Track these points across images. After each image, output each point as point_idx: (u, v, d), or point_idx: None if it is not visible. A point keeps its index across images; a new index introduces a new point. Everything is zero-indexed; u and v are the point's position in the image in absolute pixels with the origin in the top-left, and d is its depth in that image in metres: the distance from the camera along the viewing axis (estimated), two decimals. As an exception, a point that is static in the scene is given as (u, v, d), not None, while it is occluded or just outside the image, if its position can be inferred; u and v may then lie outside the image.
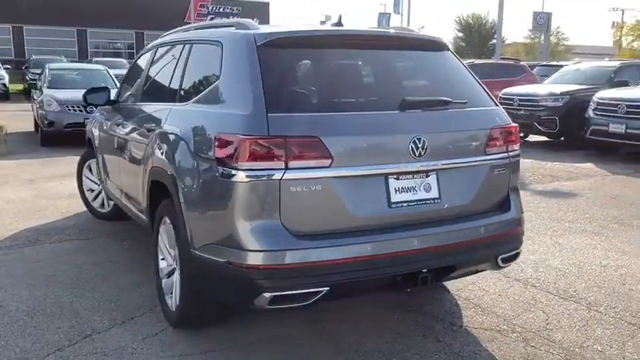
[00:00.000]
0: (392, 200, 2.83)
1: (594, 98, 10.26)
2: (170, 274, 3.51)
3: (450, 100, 3.05)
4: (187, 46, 3.66)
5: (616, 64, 12.78)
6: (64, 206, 6.36)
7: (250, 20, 3.24)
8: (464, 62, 3.44)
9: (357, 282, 2.79)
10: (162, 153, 3.33)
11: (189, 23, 35.10)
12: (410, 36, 3.39)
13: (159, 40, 4.45)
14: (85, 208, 6.05)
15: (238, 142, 2.63)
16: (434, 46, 3.36)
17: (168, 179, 3.17)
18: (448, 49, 3.39)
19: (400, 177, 2.84)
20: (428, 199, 2.91)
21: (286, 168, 2.61)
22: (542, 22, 36.86)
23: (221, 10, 42.28)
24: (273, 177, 2.61)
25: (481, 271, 3.37)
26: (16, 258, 4.65)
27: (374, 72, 3.21)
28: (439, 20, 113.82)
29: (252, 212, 2.65)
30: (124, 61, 28.17)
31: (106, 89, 5.07)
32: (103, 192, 5.79)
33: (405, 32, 3.53)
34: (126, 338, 3.30)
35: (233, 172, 2.65)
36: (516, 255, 3.25)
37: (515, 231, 3.22)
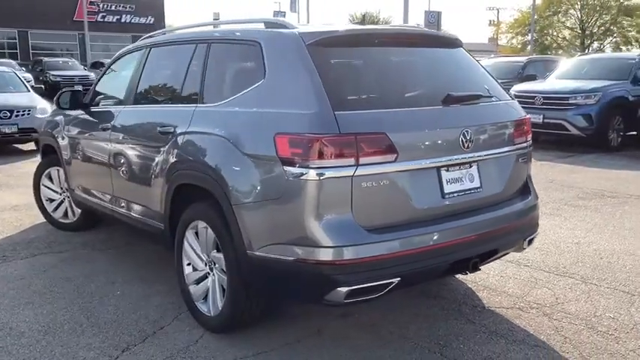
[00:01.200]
0: (445, 191, 2.97)
1: (511, 92, 10.96)
2: (201, 279, 3.44)
3: (482, 94, 3.25)
4: (202, 46, 3.58)
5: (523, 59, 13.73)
6: (12, 219, 5.93)
7: (283, 19, 3.25)
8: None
9: (423, 271, 2.91)
10: (196, 156, 3.25)
11: (80, 21, 33.14)
12: (437, 34, 3.55)
13: (148, 41, 4.29)
14: (40, 220, 5.69)
15: (309, 141, 2.65)
16: (455, 43, 3.54)
17: (210, 182, 3.11)
18: (463, 46, 3.59)
19: (450, 169, 2.99)
20: (472, 189, 3.09)
21: (357, 164, 2.67)
22: (433, 20, 38.57)
23: (113, 7, 40.50)
24: (345, 174, 2.66)
25: (507, 254, 3.59)
26: (14, 274, 4.31)
27: (414, 68, 3.33)
28: (335, 18, 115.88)
29: (324, 209, 2.68)
30: (12, 61, 26.28)
31: (79, 92, 4.81)
32: (66, 201, 5.49)
33: (431, 31, 3.66)
34: (167, 348, 3.20)
35: (303, 170, 2.67)
36: (535, 237, 3.51)
37: (536, 214, 3.48)
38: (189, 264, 3.53)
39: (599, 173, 8.17)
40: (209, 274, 3.39)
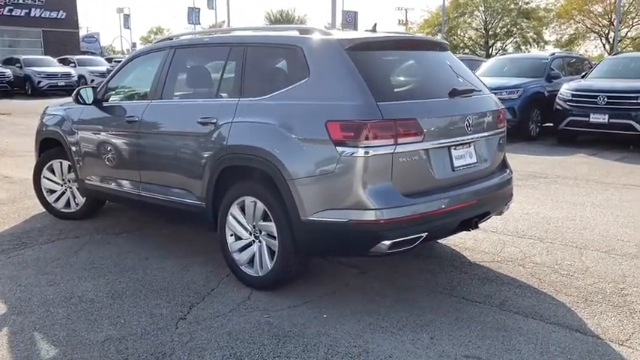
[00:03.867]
0: (454, 165, 3.78)
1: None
2: (245, 247, 4.06)
3: (475, 88, 4.10)
4: (238, 49, 4.19)
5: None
6: (11, 212, 6.20)
7: (314, 27, 3.94)
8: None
9: (442, 227, 3.71)
10: (246, 141, 3.86)
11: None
12: (434, 40, 4.36)
13: (170, 43, 4.81)
14: (37, 211, 6.04)
15: (359, 125, 3.37)
16: (446, 47, 4.37)
17: (262, 162, 3.74)
18: (449, 50, 4.43)
19: (457, 147, 3.81)
20: (471, 164, 3.93)
21: (396, 143, 3.42)
22: (350, 20, 40.04)
23: (21, 1, 38.76)
24: (387, 151, 3.41)
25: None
26: (28, 259, 4.68)
27: (424, 67, 4.11)
28: (250, 16, 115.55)
29: (371, 179, 3.41)
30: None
31: (95, 89, 5.23)
32: (68, 192, 5.86)
33: (430, 37, 4.47)
34: (227, 303, 3.80)
35: (354, 149, 3.39)
36: (511, 203, 4.41)
37: (512, 185, 4.38)
38: (232, 235, 4.14)
39: (527, 159, 9.37)
40: (254, 241, 4.01)
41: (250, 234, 4.03)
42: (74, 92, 5.20)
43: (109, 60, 29.14)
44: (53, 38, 39.99)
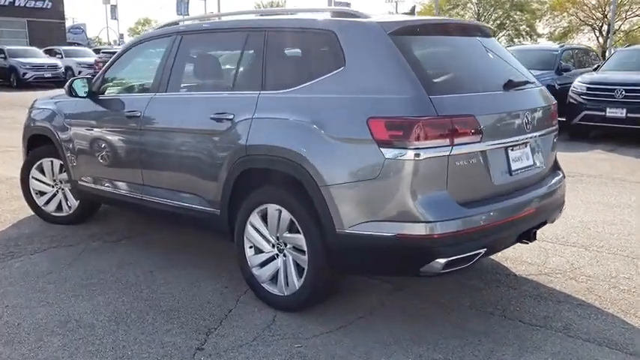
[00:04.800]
0: (512, 168, 3.28)
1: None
2: (267, 261, 3.54)
3: (527, 80, 3.59)
4: (257, 34, 3.65)
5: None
6: (-6, 215, 5.63)
7: (351, 8, 3.41)
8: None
9: (501, 241, 3.21)
10: (270, 140, 3.34)
11: None
12: (480, 24, 3.83)
13: (175, 28, 4.26)
14: (24, 215, 5.49)
15: (409, 123, 2.86)
16: (492, 33, 3.85)
17: (289, 165, 3.22)
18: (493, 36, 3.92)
19: (514, 148, 3.30)
20: (528, 166, 3.43)
21: (452, 144, 2.91)
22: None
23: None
24: (443, 153, 2.90)
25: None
26: (16, 272, 4.13)
27: (474, 55, 3.58)
28: (241, 8, 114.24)
29: (424, 187, 2.90)
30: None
31: (90, 79, 4.67)
32: (59, 194, 5.31)
33: (476, 22, 3.95)
34: (249, 329, 3.29)
35: (403, 151, 2.87)
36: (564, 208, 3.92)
37: (564, 188, 3.89)
38: (251, 247, 3.62)
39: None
40: (278, 255, 3.49)
41: (273, 247, 3.51)
42: (67, 83, 4.64)
43: (97, 51, 28.31)
44: (38, 29, 39.01)
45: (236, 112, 3.57)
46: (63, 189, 5.30)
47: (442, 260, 2.92)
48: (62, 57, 26.54)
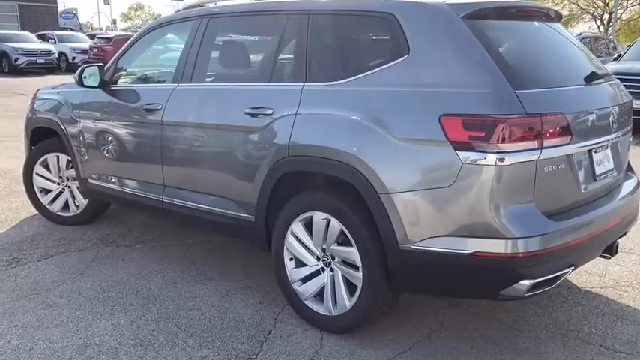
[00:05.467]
0: (596, 173, 2.87)
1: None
2: (311, 276, 3.14)
3: (607, 72, 3.17)
4: (299, 17, 3.21)
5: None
6: (-7, 214, 5.19)
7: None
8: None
9: (588, 256, 2.81)
10: (319, 140, 2.92)
11: None
12: (550, 7, 3.40)
13: (200, 11, 3.80)
14: (26, 214, 5.06)
15: (493, 122, 2.44)
16: (559, 16, 3.41)
17: (342, 169, 2.81)
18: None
19: (597, 150, 2.89)
20: (609, 170, 3.02)
21: (541, 147, 2.50)
22: None
23: (-5, -27, 36.78)
24: (530, 158, 2.49)
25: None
26: (23, 283, 3.70)
27: (552, 43, 3.15)
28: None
29: (507, 197, 2.49)
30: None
31: (101, 67, 4.21)
32: (66, 192, 4.86)
33: (549, 5, 3.50)
34: (295, 355, 2.89)
35: (484, 155, 2.46)
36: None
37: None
38: (292, 259, 3.21)
39: None
40: (324, 269, 3.08)
41: (318, 259, 3.10)
42: (77, 72, 4.18)
43: (92, 37, 27.55)
44: (30, 13, 38.12)
45: (276, 106, 3.14)
46: (70, 187, 4.86)
47: (527, 282, 2.52)
48: (55, 42, 25.80)
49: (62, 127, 4.53)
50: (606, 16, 39.71)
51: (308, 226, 3.10)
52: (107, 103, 4.18)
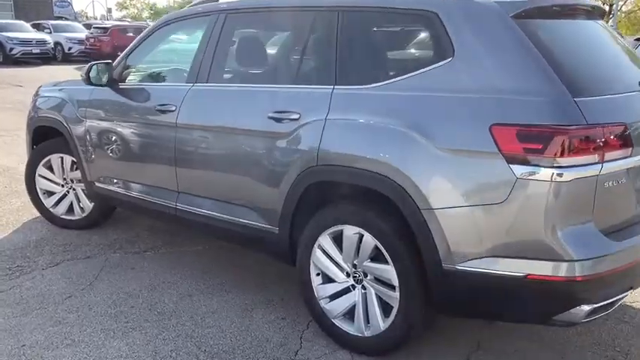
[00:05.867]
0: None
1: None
2: (340, 293, 2.93)
3: None
4: (327, 16, 2.98)
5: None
6: (-7, 216, 4.95)
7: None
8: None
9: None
10: (352, 148, 2.70)
11: None
12: (595, 4, 3.17)
13: (213, 5, 3.56)
14: (28, 217, 4.83)
15: (551, 133, 2.23)
16: (603, 13, 3.18)
17: (381, 182, 2.59)
18: None
19: None
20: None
21: (603, 161, 2.28)
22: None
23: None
24: (591, 173, 2.28)
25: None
26: (28, 295, 3.49)
27: (603, 44, 2.93)
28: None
29: (565, 216, 2.28)
30: None
31: (109, 65, 3.97)
32: (71, 195, 4.63)
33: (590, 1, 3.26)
34: (327, 380, 2.68)
35: (540, 169, 2.25)
36: None
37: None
38: (319, 274, 3.00)
39: None
40: (354, 286, 2.87)
41: (348, 276, 2.89)
42: (85, 70, 3.93)
43: (88, 26, 27.11)
44: (24, 1, 37.58)
45: (302, 110, 2.91)
46: (75, 189, 4.63)
47: (586, 308, 2.32)
48: (51, 32, 25.38)
49: (67, 127, 4.30)
50: (607, 7, 39.46)
51: (337, 239, 2.89)
52: (116, 102, 3.95)
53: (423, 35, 2.72)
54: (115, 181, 4.05)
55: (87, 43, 23.09)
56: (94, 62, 3.94)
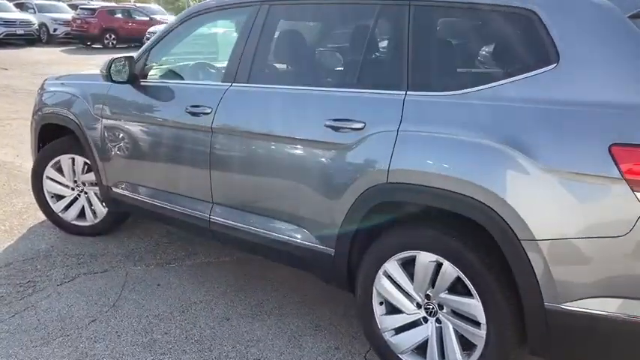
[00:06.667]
0: None
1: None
2: (410, 326, 2.60)
3: None
4: (395, 9, 2.61)
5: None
6: (-5, 219, 4.56)
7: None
8: None
9: None
10: (433, 166, 2.36)
11: None
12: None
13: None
14: (34, 221, 4.45)
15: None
16: None
17: (468, 205, 2.26)
18: None
19: None
20: None
21: None
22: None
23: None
24: None
25: None
26: (46, 319, 3.13)
27: None
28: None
29: (701, 253, 1.96)
30: None
31: (131, 59, 3.57)
32: (82, 199, 4.24)
33: None
34: None
35: (674, 200, 1.92)
36: None
37: None
38: (382, 303, 2.67)
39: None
40: (426, 319, 2.55)
41: (419, 307, 2.56)
42: (106, 65, 3.52)
43: (74, 7, 26.26)
44: (6, -20, 36.32)
45: (368, 119, 2.56)
46: (86, 192, 4.24)
47: None
48: (35, 12, 24.52)
49: (80, 126, 3.89)
50: None
51: (407, 266, 2.55)
52: (138, 101, 3.56)
53: (518, 36, 2.36)
54: (135, 186, 3.68)
55: (73, 24, 22.36)
56: (115, 57, 3.52)
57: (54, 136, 4.26)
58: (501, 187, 2.18)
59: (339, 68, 3.04)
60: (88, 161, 4.03)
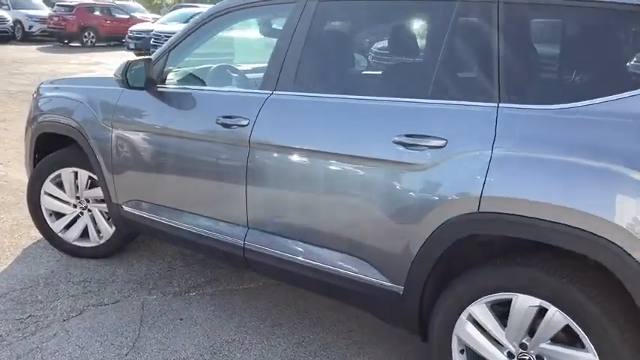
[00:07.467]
0: None
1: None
2: (497, 378, 2.21)
3: None
4: (478, 5, 2.22)
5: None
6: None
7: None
8: None
9: None
10: (548, 195, 1.97)
11: None
12: None
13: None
14: (28, 242, 3.98)
15: None
16: None
17: (586, 243, 1.88)
18: None
19: None
20: None
21: None
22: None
23: None
24: None
25: None
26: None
27: None
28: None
29: None
30: None
31: (148, 62, 3.12)
32: (85, 217, 3.78)
33: None
34: None
35: None
36: None
37: None
38: (463, 351, 2.28)
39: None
40: (520, 371, 2.16)
41: (511, 357, 2.18)
42: (122, 68, 3.06)
43: (51, 4, 25.35)
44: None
45: (450, 135, 2.17)
46: (90, 210, 3.77)
47: None
48: (9, 8, 23.57)
49: (85, 136, 3.43)
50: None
51: (495, 308, 2.16)
52: (158, 108, 3.12)
53: (635, 39, 1.99)
54: (152, 206, 3.23)
55: (50, 21, 21.52)
56: (132, 60, 3.07)
57: (52, 147, 3.79)
58: (632, 222, 1.80)
59: (406, 75, 2.63)
60: (93, 175, 3.57)
